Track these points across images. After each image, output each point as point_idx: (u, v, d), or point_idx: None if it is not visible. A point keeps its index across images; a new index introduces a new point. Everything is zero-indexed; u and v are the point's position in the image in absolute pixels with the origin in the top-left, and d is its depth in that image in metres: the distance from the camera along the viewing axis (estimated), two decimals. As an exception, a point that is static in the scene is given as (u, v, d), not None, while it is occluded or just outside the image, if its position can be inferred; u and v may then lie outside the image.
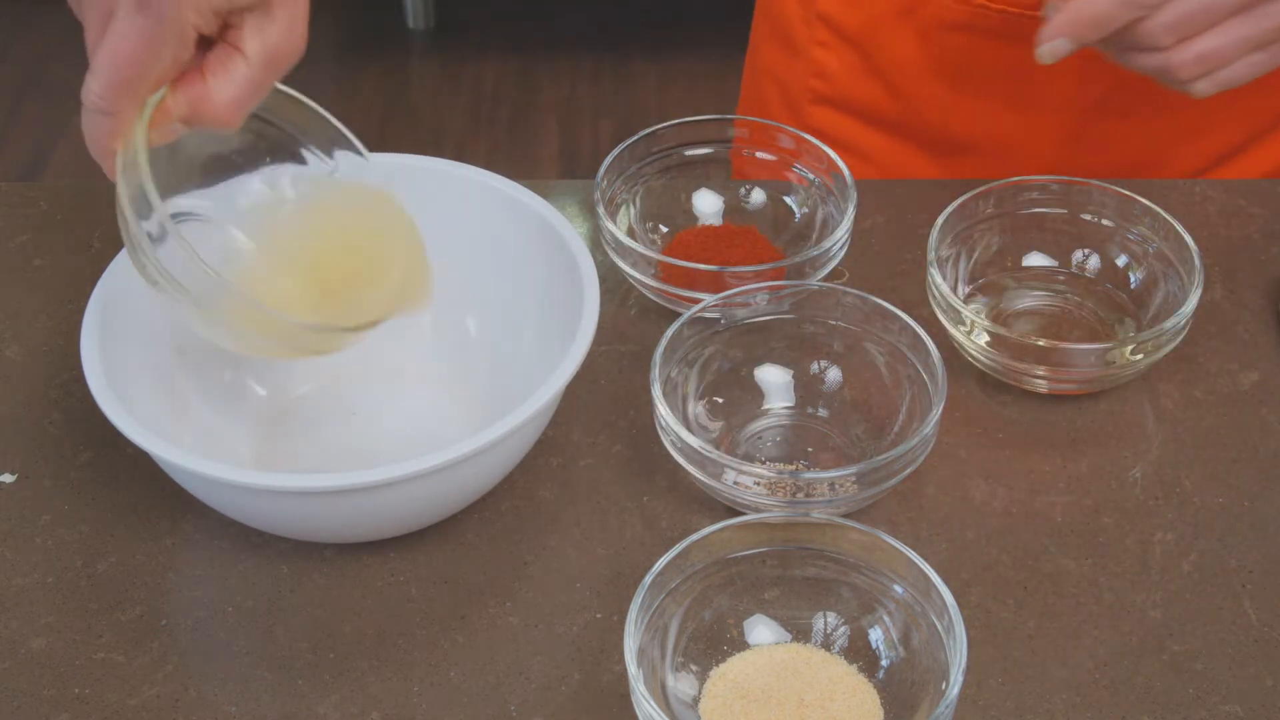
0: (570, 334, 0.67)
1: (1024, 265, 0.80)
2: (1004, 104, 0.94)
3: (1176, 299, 0.75)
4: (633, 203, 0.83)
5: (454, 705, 0.63)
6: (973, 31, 0.91)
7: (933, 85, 0.94)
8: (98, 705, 0.63)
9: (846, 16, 0.95)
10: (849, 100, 0.98)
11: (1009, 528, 0.70)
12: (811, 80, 0.99)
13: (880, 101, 0.97)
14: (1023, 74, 0.88)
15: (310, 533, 0.68)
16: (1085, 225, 0.80)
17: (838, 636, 0.64)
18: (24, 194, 0.88)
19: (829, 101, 0.99)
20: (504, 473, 0.69)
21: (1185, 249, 0.75)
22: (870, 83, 0.97)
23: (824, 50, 0.97)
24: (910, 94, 0.96)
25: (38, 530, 0.70)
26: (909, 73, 0.95)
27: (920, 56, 0.94)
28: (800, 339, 0.75)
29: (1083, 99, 0.92)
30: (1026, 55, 0.77)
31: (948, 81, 0.94)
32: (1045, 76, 0.85)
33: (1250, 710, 0.63)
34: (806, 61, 0.99)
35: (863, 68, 0.96)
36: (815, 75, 0.98)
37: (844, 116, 0.99)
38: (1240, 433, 0.74)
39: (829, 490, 0.67)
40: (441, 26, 2.65)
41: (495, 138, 2.44)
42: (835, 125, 0.99)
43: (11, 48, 2.62)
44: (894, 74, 0.95)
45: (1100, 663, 0.65)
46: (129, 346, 0.69)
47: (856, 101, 0.98)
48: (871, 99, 0.97)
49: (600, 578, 0.68)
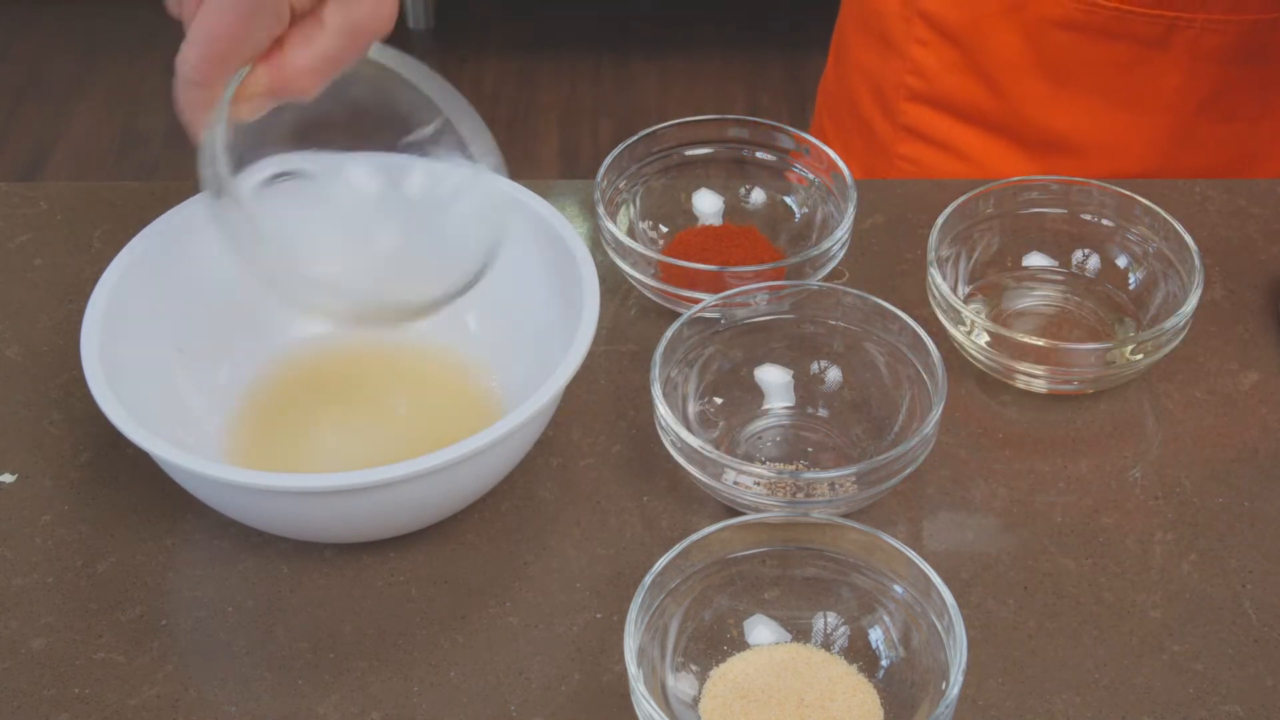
0: (570, 334, 0.67)
1: (1024, 265, 0.80)
2: (1108, 102, 0.93)
3: (1176, 299, 0.75)
4: (633, 203, 0.83)
5: (454, 705, 0.63)
6: (1080, 29, 0.91)
7: (1036, 83, 0.94)
8: (98, 705, 0.63)
9: (949, 13, 0.95)
10: (946, 98, 0.98)
11: (1009, 528, 0.70)
12: (908, 77, 0.98)
13: (979, 99, 0.97)
14: (1129, 72, 0.88)
15: (310, 533, 0.68)
16: (1085, 225, 0.80)
17: (838, 636, 0.64)
18: (24, 194, 0.88)
19: (925, 99, 0.98)
20: (504, 473, 0.69)
21: (1185, 249, 0.75)
22: (970, 80, 0.96)
23: (923, 48, 0.96)
24: (1012, 91, 0.95)
25: (38, 530, 0.70)
26: (1012, 70, 0.94)
27: (1024, 54, 0.93)
28: (800, 339, 0.75)
29: (1189, 100, 0.92)
30: (1134, 53, 0.76)
31: (1052, 79, 0.93)
32: (1152, 76, 0.85)
33: (1250, 710, 0.63)
34: (903, 59, 0.98)
35: (963, 65, 0.96)
36: (912, 72, 0.98)
37: (940, 114, 0.99)
38: (1240, 433, 0.74)
39: (829, 490, 0.67)
40: (441, 26, 2.65)
41: (495, 138, 2.44)
42: (930, 123, 0.99)
43: (11, 48, 2.62)
44: (996, 71, 0.95)
45: (1100, 663, 0.65)
46: (129, 346, 0.69)
47: (954, 99, 0.97)
48: (970, 96, 0.97)
49: (600, 578, 0.68)
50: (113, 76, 2.54)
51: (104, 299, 0.69)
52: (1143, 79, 0.90)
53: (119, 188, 0.88)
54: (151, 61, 2.58)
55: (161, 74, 2.56)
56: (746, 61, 2.58)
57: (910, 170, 1.02)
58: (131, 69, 2.56)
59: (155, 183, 0.88)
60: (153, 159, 2.39)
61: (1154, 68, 0.80)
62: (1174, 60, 0.78)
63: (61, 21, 2.66)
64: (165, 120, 2.46)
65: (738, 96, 2.51)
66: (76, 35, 2.65)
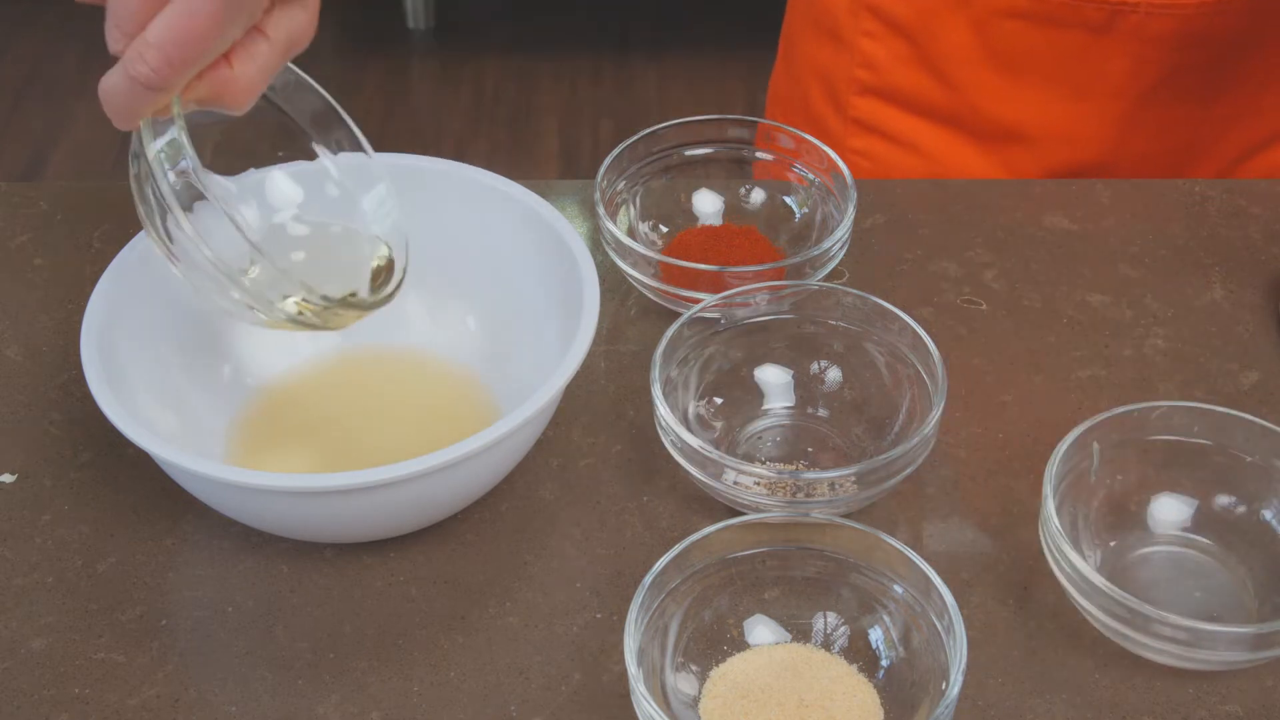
0: (570, 334, 0.67)
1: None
2: (1058, 91, 0.94)
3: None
4: (633, 203, 0.83)
5: (454, 705, 0.63)
6: (1028, 18, 0.91)
7: (986, 73, 0.94)
8: (98, 705, 0.63)
9: (896, 6, 0.95)
10: (896, 90, 0.98)
11: (1009, 528, 0.70)
12: (857, 71, 0.98)
13: (929, 90, 0.97)
14: (1078, 60, 0.88)
15: (310, 533, 0.68)
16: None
17: (838, 636, 0.64)
18: (24, 194, 0.88)
19: (875, 92, 0.99)
20: (504, 473, 0.69)
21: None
22: (919, 72, 0.96)
23: (871, 40, 0.97)
24: (962, 82, 0.95)
25: (38, 530, 0.70)
26: (961, 61, 0.94)
27: (973, 44, 0.93)
28: (800, 339, 0.75)
29: (1138, 84, 0.92)
30: (1081, 40, 0.76)
31: (1001, 69, 0.94)
32: (1100, 62, 0.85)
33: (1250, 710, 0.63)
34: (852, 52, 0.98)
35: (912, 57, 0.96)
36: (861, 66, 0.98)
37: (890, 107, 0.99)
38: (1240, 433, 0.74)
39: (829, 490, 0.67)
40: (441, 26, 2.65)
41: (495, 138, 2.44)
42: (881, 116, 0.99)
43: (11, 47, 2.62)
44: (945, 63, 0.95)
45: (1100, 663, 0.65)
46: (129, 346, 0.69)
47: (904, 91, 0.98)
48: (920, 88, 0.97)
49: (600, 578, 0.68)
50: (113, 76, 2.54)
51: (104, 299, 0.68)
52: (1091, 66, 0.90)
53: (119, 188, 0.88)
54: (151, 61, 2.57)
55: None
56: (746, 61, 2.58)
57: (863, 164, 1.02)
58: (131, 69, 2.56)
59: (155, 183, 0.88)
60: (153, 159, 2.39)
61: (1101, 54, 0.80)
62: (1121, 46, 0.78)
63: (61, 21, 2.67)
64: (165, 120, 2.46)
65: (738, 96, 2.52)
66: (76, 35, 2.65)
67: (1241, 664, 0.62)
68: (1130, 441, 0.68)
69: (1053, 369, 0.78)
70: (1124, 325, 0.80)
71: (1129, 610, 0.61)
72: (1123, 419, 0.68)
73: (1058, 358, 0.78)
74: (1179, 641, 0.61)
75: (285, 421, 0.74)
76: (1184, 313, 0.81)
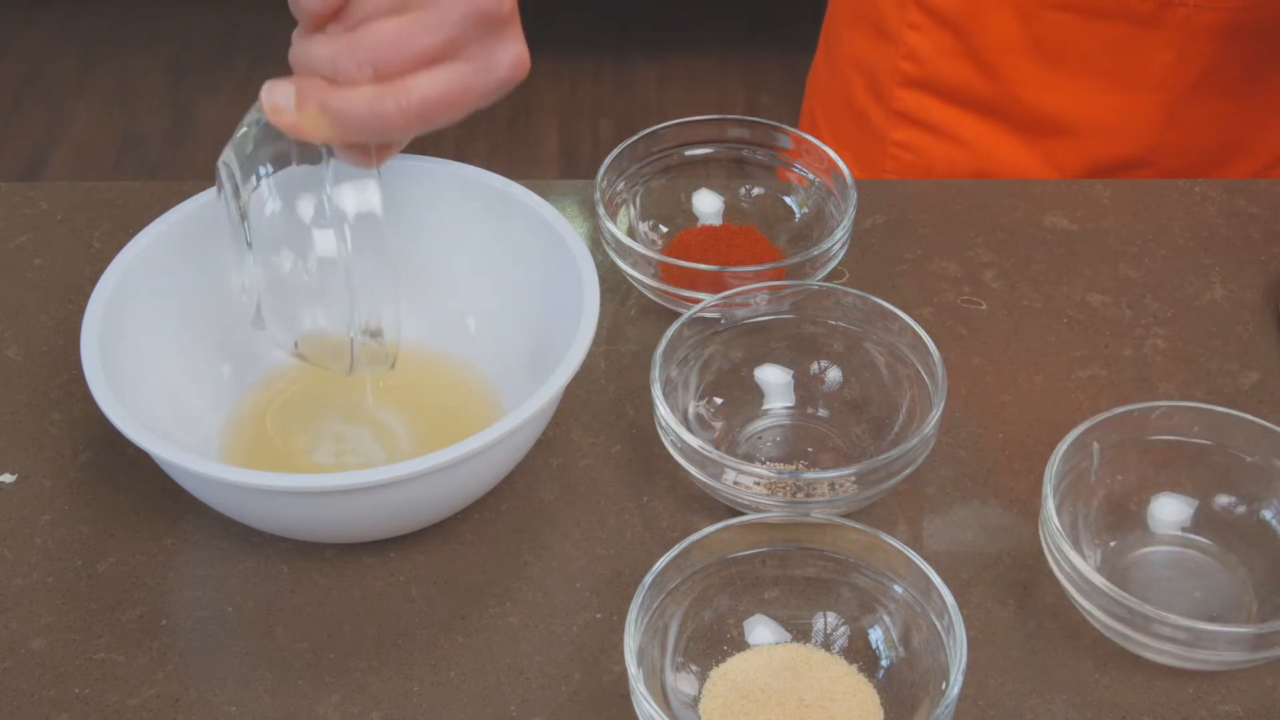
0: (570, 334, 0.67)
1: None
2: (1103, 83, 0.94)
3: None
4: (633, 203, 0.83)
5: (454, 705, 0.63)
6: (1074, 9, 0.91)
7: (1031, 65, 0.94)
8: (98, 705, 0.63)
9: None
10: (941, 82, 0.98)
11: (1009, 528, 0.70)
12: (901, 63, 0.98)
13: (974, 83, 0.97)
14: (1123, 52, 0.88)
15: (310, 533, 0.68)
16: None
17: (838, 636, 0.64)
18: (24, 194, 0.88)
19: (918, 84, 0.99)
20: (504, 473, 0.69)
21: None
22: (964, 64, 0.96)
23: (916, 33, 0.97)
24: (1007, 74, 0.95)
25: (38, 530, 0.70)
26: (1006, 53, 0.94)
27: (1019, 36, 0.93)
28: (800, 339, 0.75)
29: (1182, 77, 0.92)
30: (1127, 32, 0.76)
31: (1047, 61, 0.94)
32: (1145, 55, 0.84)
33: (1250, 710, 0.63)
34: (897, 44, 0.98)
35: (957, 49, 0.96)
36: (905, 58, 0.98)
37: (934, 99, 0.99)
38: (1240, 433, 0.74)
39: (829, 490, 0.67)
40: (441, 26, 2.65)
41: (495, 138, 2.44)
42: (925, 108, 0.99)
43: (11, 47, 2.62)
44: (990, 54, 0.95)
45: (1100, 663, 0.65)
46: (129, 346, 0.69)
47: (948, 83, 0.98)
48: (964, 80, 0.97)
49: (600, 578, 0.68)
50: (113, 76, 2.54)
51: (104, 299, 0.68)
52: (1136, 58, 0.90)
53: (119, 188, 0.88)
54: (152, 61, 2.58)
55: (162, 74, 2.56)
56: (746, 61, 2.58)
57: (905, 157, 1.02)
58: (131, 69, 2.56)
59: (155, 183, 0.88)
60: (153, 159, 2.39)
61: (1147, 47, 0.80)
62: (1166, 39, 0.78)
63: (61, 21, 2.67)
64: (165, 120, 2.46)
65: (738, 96, 2.52)
66: (76, 35, 2.65)
67: (1241, 664, 0.62)
68: (1130, 441, 0.68)
69: (1053, 369, 0.78)
70: (1124, 325, 0.80)
71: (1129, 610, 0.61)
72: (1123, 419, 0.68)
73: (1058, 358, 0.78)
74: (1179, 641, 0.61)
75: (285, 422, 0.74)
76: (1184, 313, 0.81)
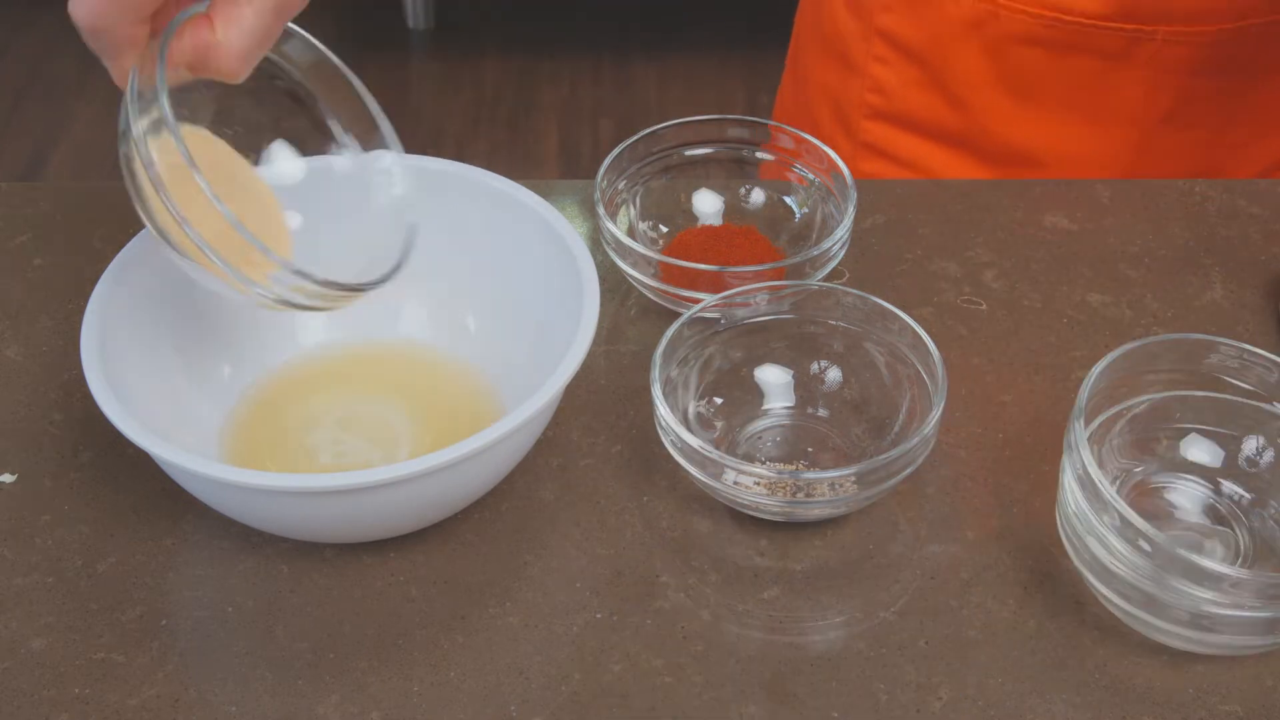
0: (570, 334, 0.67)
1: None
2: (1071, 116, 0.93)
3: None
4: (633, 203, 0.83)
5: (454, 705, 0.64)
6: (1043, 44, 0.90)
7: (999, 98, 0.94)
8: (98, 705, 0.63)
9: (909, 32, 0.94)
10: (907, 115, 0.98)
11: (1009, 528, 0.70)
12: (868, 95, 0.98)
13: (941, 115, 0.96)
14: (1093, 86, 0.88)
15: (310, 533, 0.68)
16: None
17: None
18: (24, 194, 0.88)
19: (885, 116, 0.98)
20: (504, 473, 0.69)
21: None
22: (931, 97, 0.96)
23: (882, 66, 0.96)
24: (974, 107, 0.95)
25: (38, 530, 0.70)
26: (974, 86, 0.94)
27: (987, 70, 0.93)
28: (800, 339, 0.75)
29: (1152, 111, 0.92)
30: (1096, 66, 0.76)
31: (1015, 94, 0.93)
32: (1115, 89, 0.84)
33: (1250, 710, 0.63)
34: (863, 77, 0.98)
35: (924, 82, 0.96)
36: (872, 90, 0.98)
37: (901, 131, 0.99)
38: (1240, 433, 0.74)
39: (829, 490, 0.67)
40: (441, 26, 2.65)
41: (495, 138, 2.44)
42: (892, 140, 0.99)
43: (11, 47, 2.62)
44: (958, 88, 0.95)
45: (1100, 663, 0.65)
46: (129, 346, 0.69)
47: (915, 116, 0.97)
48: (932, 113, 0.97)
49: (600, 578, 0.68)
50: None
51: (104, 299, 0.69)
52: (1106, 92, 0.90)
53: (119, 188, 0.87)
54: (151, 61, 2.58)
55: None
56: (746, 61, 2.58)
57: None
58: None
59: (155, 183, 0.88)
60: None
61: (1117, 81, 0.80)
62: (1136, 73, 0.77)
63: (61, 21, 2.66)
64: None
65: (738, 96, 2.52)
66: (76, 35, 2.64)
67: (1257, 645, 0.62)
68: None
69: (1053, 369, 0.78)
70: (1124, 325, 0.80)
71: (1168, 556, 0.60)
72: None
73: (1058, 358, 0.78)
74: (1205, 598, 0.60)
75: (285, 421, 0.74)
76: (1184, 313, 0.81)
